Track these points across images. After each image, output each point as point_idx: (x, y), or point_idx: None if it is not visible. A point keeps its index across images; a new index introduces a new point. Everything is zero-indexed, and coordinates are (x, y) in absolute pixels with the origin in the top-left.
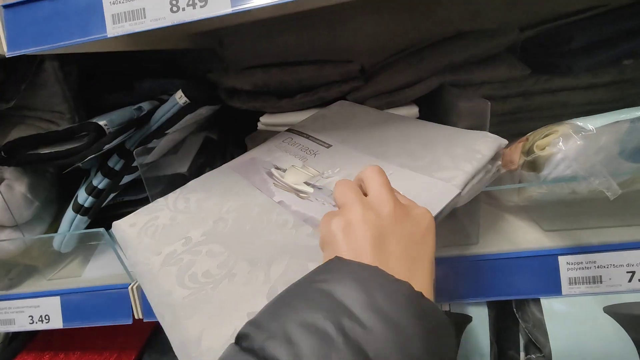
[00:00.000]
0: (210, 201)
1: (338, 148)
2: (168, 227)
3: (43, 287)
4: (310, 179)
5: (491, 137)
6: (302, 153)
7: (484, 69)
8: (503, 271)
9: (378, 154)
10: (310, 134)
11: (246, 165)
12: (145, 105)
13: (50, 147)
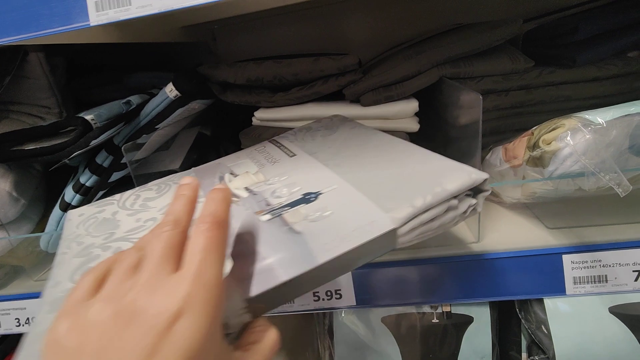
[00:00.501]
0: (155, 201)
1: (301, 158)
2: (105, 221)
3: (30, 288)
4: (252, 185)
5: (466, 172)
6: (264, 161)
7: (485, 61)
8: (505, 270)
9: (335, 167)
10: (283, 144)
11: (207, 169)
12: (134, 99)
13: (36, 142)
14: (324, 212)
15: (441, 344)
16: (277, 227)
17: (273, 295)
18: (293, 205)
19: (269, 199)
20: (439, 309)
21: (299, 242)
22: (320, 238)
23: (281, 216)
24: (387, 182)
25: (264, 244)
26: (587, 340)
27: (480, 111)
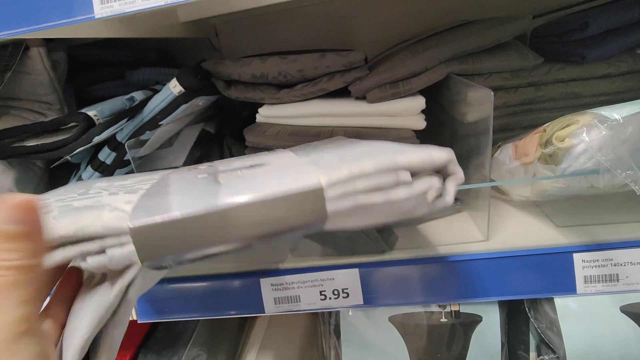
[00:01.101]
0: (128, 180)
1: (277, 152)
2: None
3: None
4: (221, 164)
5: (426, 149)
6: (245, 158)
7: (493, 57)
8: (515, 269)
9: (303, 156)
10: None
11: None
12: (137, 95)
13: (37, 139)
14: (255, 170)
15: (449, 344)
16: (204, 181)
17: (157, 231)
18: (233, 170)
19: (221, 170)
20: (448, 308)
21: (212, 190)
22: (236, 188)
23: (216, 175)
24: (341, 156)
25: (180, 192)
26: (597, 340)
27: (492, 107)
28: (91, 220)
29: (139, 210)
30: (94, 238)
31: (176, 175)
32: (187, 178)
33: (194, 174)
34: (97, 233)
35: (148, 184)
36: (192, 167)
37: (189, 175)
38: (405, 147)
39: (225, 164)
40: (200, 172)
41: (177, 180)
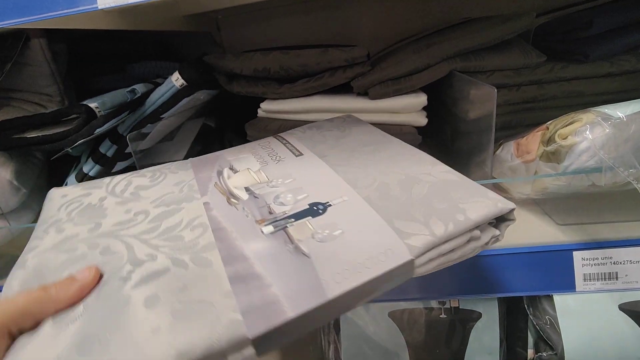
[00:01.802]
0: (149, 190)
1: (308, 159)
2: (91, 207)
3: None
4: (253, 185)
5: (491, 200)
6: (268, 158)
7: (496, 55)
8: (515, 266)
9: (344, 173)
10: (289, 140)
11: (206, 162)
12: (139, 87)
13: (38, 130)
14: (333, 230)
15: (448, 339)
16: (281, 245)
17: (276, 333)
18: (298, 217)
19: (271, 205)
20: (447, 304)
21: (307, 269)
22: (331, 266)
23: (286, 229)
24: (402, 201)
25: (267, 265)
26: (596, 337)
27: (495, 105)
28: (204, 339)
29: (250, 314)
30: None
31: (244, 235)
32: (257, 238)
33: (257, 228)
34: (218, 351)
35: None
36: (234, 201)
37: (255, 232)
38: (459, 182)
39: (263, 188)
40: (259, 221)
41: (255, 248)
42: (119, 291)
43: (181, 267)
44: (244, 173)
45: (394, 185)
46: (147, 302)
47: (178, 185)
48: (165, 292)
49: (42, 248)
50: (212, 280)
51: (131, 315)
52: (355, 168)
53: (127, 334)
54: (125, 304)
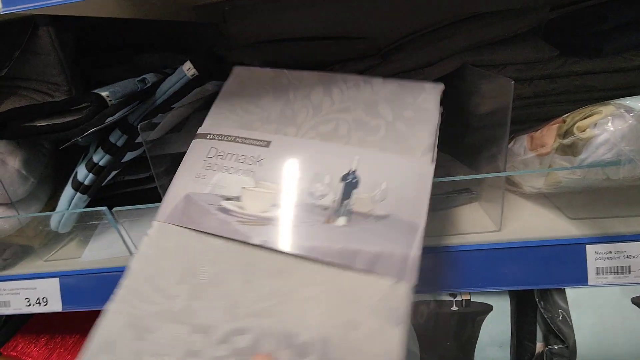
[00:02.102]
0: (169, 280)
1: (278, 142)
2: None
3: (39, 268)
4: (274, 199)
5: (429, 88)
6: (244, 165)
7: (508, 49)
8: (527, 259)
9: (328, 136)
10: (232, 134)
11: (185, 211)
12: (149, 77)
13: (48, 119)
14: (379, 187)
15: (459, 332)
16: (365, 224)
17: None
18: (347, 196)
19: (315, 202)
20: (458, 297)
21: (396, 221)
22: (403, 210)
23: (353, 212)
24: (386, 128)
25: (372, 245)
26: (608, 330)
27: (511, 97)
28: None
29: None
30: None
31: (330, 242)
32: (345, 236)
33: (333, 227)
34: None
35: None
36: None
37: (338, 233)
38: (405, 91)
39: (287, 196)
40: (326, 221)
41: (355, 240)
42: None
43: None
44: (249, 194)
45: (364, 116)
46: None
47: (189, 256)
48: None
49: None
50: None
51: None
52: (325, 125)
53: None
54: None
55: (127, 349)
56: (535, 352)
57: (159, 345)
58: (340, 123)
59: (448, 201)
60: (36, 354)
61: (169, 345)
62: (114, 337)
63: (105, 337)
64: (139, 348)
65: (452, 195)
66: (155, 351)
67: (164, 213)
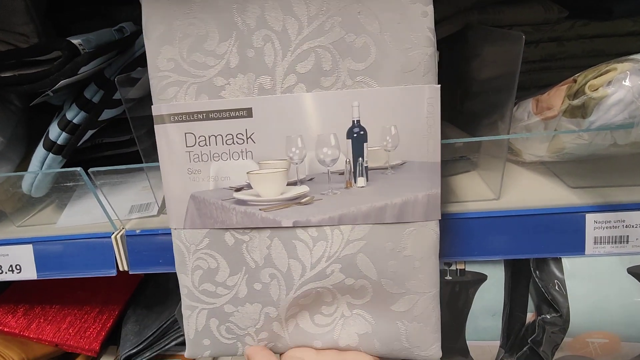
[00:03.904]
0: (223, 275)
1: (261, 107)
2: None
3: (12, 234)
4: (286, 176)
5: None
6: (235, 147)
7: (516, 8)
8: (526, 228)
9: (313, 78)
10: (201, 110)
11: (201, 213)
12: (127, 26)
13: (14, 70)
14: (389, 133)
15: (453, 301)
16: (384, 178)
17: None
18: (359, 153)
19: (329, 170)
20: (453, 266)
21: (413, 165)
22: (417, 151)
23: (368, 170)
24: (376, 51)
25: (396, 197)
26: (602, 300)
27: (521, 52)
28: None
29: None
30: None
31: (357, 204)
32: (366, 196)
33: (355, 191)
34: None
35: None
36: (303, 201)
37: (360, 195)
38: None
39: (297, 168)
40: (347, 186)
41: (379, 196)
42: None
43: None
44: (257, 178)
45: (348, 39)
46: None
47: (227, 258)
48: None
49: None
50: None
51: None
52: (305, 65)
53: None
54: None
55: (219, 330)
56: (526, 322)
57: (242, 322)
58: (321, 55)
59: (445, 169)
60: (14, 324)
61: (250, 319)
62: (202, 326)
63: (195, 328)
64: (228, 327)
65: (449, 163)
66: (241, 325)
67: (180, 220)
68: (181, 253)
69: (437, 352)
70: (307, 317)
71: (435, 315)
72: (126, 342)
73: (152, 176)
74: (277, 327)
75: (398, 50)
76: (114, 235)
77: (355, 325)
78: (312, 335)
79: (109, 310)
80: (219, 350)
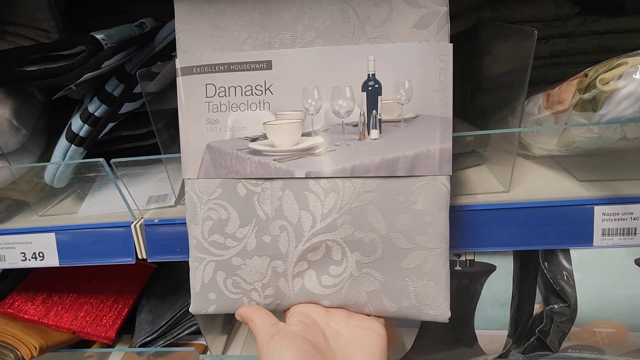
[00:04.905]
0: (233, 226)
1: (280, 60)
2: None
3: (35, 223)
4: (301, 127)
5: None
6: (253, 97)
7: (528, 5)
8: (534, 220)
9: (331, 33)
10: (223, 61)
11: (216, 162)
12: (147, 22)
13: (39, 64)
14: (402, 86)
15: (462, 291)
16: (397, 131)
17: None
18: (374, 106)
19: (344, 121)
20: (463, 256)
21: (426, 119)
22: (430, 105)
23: (381, 122)
24: (387, 8)
25: (408, 149)
26: (610, 290)
27: (533, 47)
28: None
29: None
30: None
31: (370, 155)
32: (379, 149)
33: (369, 143)
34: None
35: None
36: (317, 152)
37: (374, 148)
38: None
39: (317, 119)
40: (360, 138)
41: (391, 147)
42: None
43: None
44: (273, 129)
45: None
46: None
47: (240, 203)
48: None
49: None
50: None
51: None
52: (321, 23)
53: None
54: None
55: (225, 284)
56: (534, 313)
57: (249, 276)
58: (337, 10)
59: (455, 163)
60: (33, 311)
61: (257, 273)
62: (209, 279)
63: (202, 281)
64: (234, 280)
65: (460, 157)
66: (248, 279)
67: (194, 169)
68: (193, 203)
69: (446, 311)
70: (314, 278)
71: (444, 272)
72: (141, 331)
73: (170, 168)
74: (284, 284)
75: (413, 8)
76: (134, 225)
77: (363, 283)
78: (319, 296)
79: (123, 300)
80: (225, 305)
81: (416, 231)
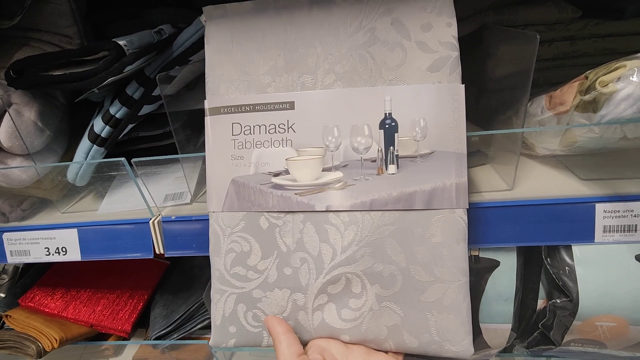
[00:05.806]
0: (255, 258)
1: (302, 101)
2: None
3: (58, 219)
4: (322, 163)
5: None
6: (276, 135)
7: (531, 9)
8: (537, 218)
9: (349, 77)
10: (249, 102)
11: (240, 196)
12: (166, 28)
13: (64, 69)
14: (418, 124)
15: None
16: (413, 166)
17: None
18: (390, 143)
19: (362, 157)
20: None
21: (441, 154)
22: (445, 141)
23: (399, 158)
24: (404, 49)
25: (424, 179)
26: (611, 285)
27: (535, 51)
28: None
29: (459, 202)
30: None
31: (388, 189)
32: (396, 183)
33: (387, 177)
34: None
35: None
36: (336, 187)
37: (391, 182)
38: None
39: (337, 155)
40: (379, 172)
41: (409, 182)
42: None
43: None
44: (295, 164)
45: (378, 41)
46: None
47: (263, 243)
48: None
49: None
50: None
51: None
52: (341, 66)
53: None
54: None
55: (245, 317)
56: (537, 309)
57: (270, 309)
58: (355, 56)
59: None
60: (53, 305)
61: (277, 306)
62: (230, 311)
63: (223, 313)
64: (254, 313)
65: None
66: (268, 312)
67: (219, 203)
68: (217, 236)
69: (468, 347)
70: (334, 312)
71: (465, 306)
72: (155, 325)
73: (186, 167)
74: (303, 318)
75: (424, 49)
76: (152, 221)
77: (383, 317)
78: (339, 331)
79: (138, 295)
80: (245, 339)
81: (435, 264)
